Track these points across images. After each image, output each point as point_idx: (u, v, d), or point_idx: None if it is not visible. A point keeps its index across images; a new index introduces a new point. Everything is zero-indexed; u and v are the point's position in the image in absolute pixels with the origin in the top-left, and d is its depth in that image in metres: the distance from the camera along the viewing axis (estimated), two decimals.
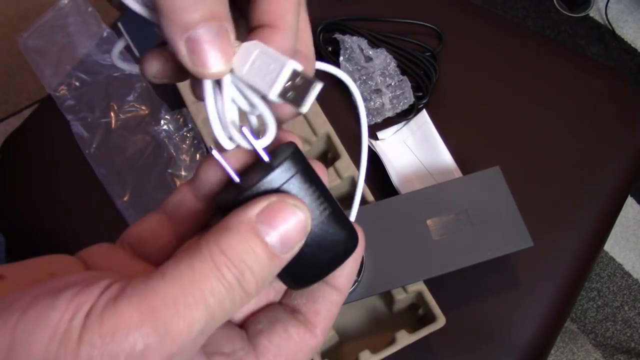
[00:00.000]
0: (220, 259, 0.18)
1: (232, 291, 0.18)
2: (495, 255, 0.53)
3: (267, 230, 0.19)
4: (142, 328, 0.16)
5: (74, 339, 0.16)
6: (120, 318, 0.16)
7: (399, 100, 0.63)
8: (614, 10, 1.40)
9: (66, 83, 0.66)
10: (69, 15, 0.67)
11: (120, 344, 0.16)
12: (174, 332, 0.17)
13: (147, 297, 0.17)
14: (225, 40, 0.21)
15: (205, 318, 0.17)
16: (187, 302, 0.17)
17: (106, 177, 0.63)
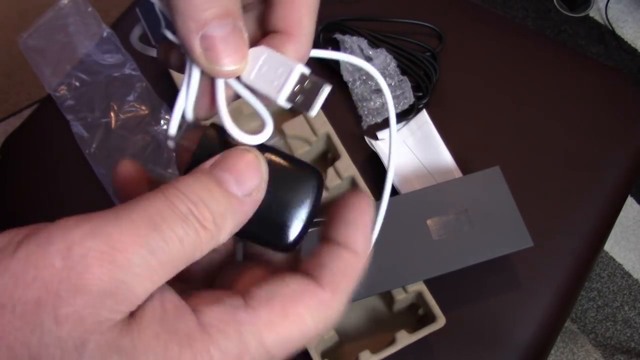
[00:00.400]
0: (172, 191, 0.18)
1: (184, 220, 0.17)
2: (495, 255, 0.53)
3: (220, 172, 0.19)
4: (77, 228, 0.16)
5: (11, 247, 0.16)
6: (55, 225, 0.16)
7: (399, 100, 0.63)
8: (614, 10, 1.40)
9: (66, 83, 0.66)
10: (69, 15, 0.67)
11: (55, 243, 0.16)
12: (115, 239, 0.16)
13: (85, 218, 0.17)
14: (239, 38, 0.21)
15: (154, 238, 0.17)
16: (131, 218, 0.17)
17: (106, 177, 0.63)
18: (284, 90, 0.22)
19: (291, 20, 0.22)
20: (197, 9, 0.20)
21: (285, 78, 0.22)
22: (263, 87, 0.22)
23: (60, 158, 0.66)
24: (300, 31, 0.23)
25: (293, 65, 0.22)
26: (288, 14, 0.22)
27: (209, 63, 0.21)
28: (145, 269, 0.16)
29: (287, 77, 0.22)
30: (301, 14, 0.23)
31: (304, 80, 0.22)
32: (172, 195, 0.18)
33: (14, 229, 0.17)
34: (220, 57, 0.20)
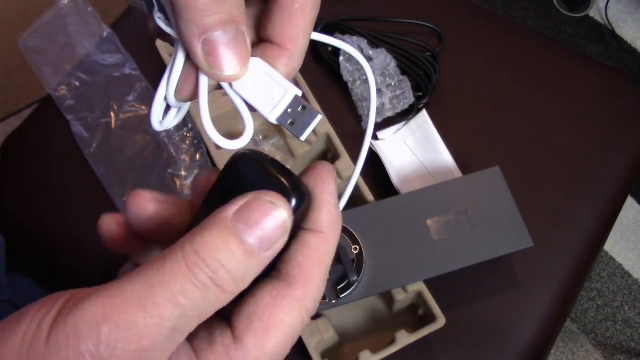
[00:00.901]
0: (192, 258, 0.18)
1: (206, 290, 0.18)
2: (495, 255, 0.53)
3: (244, 229, 0.19)
4: (105, 324, 0.16)
5: (42, 341, 0.16)
6: (82, 316, 0.16)
7: (399, 100, 0.63)
8: (614, 10, 1.40)
9: (66, 83, 0.66)
10: (69, 15, 0.67)
11: (84, 340, 0.16)
12: (140, 327, 0.17)
13: (112, 296, 0.17)
14: (242, 43, 0.21)
15: (176, 316, 0.17)
16: (155, 301, 0.17)
17: (106, 177, 0.63)
18: (276, 110, 0.22)
19: (288, 35, 0.22)
20: (201, 14, 0.19)
21: (279, 99, 0.22)
22: (255, 100, 0.23)
23: (60, 158, 0.66)
24: (295, 47, 0.23)
25: (289, 87, 0.22)
26: (286, 28, 0.22)
27: (209, 67, 0.21)
28: (169, 344, 0.17)
29: (281, 98, 0.22)
30: (298, 30, 0.23)
31: (297, 104, 0.23)
32: (192, 265, 0.18)
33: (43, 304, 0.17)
34: (221, 63, 0.21)
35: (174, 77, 0.22)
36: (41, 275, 0.69)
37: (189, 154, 0.64)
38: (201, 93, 0.22)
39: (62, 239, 0.63)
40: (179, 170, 0.63)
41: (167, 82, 0.22)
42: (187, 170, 0.63)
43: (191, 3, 0.19)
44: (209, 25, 0.20)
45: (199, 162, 0.63)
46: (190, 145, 0.64)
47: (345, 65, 0.64)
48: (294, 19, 0.22)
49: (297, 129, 0.23)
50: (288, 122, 0.23)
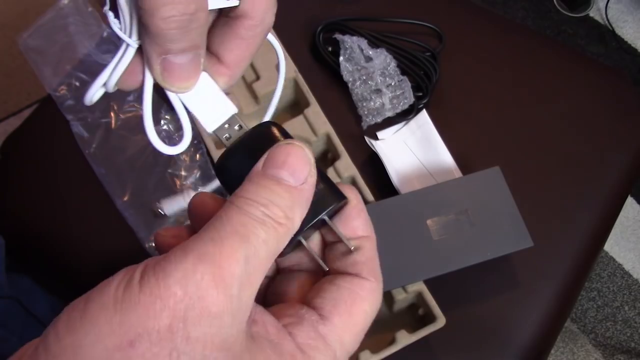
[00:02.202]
0: (243, 201, 0.20)
1: (263, 223, 0.19)
2: (495, 255, 0.53)
3: (274, 170, 0.21)
4: (187, 264, 0.18)
5: (135, 284, 0.18)
6: (168, 263, 0.18)
7: (399, 100, 0.63)
8: (614, 10, 1.40)
9: (66, 83, 0.66)
10: (69, 15, 0.67)
11: (173, 279, 0.17)
12: (220, 261, 0.18)
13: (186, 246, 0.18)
14: (196, 65, 0.24)
15: (244, 245, 0.19)
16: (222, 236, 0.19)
17: (106, 177, 0.63)
18: (214, 123, 0.25)
19: (237, 58, 0.25)
20: (167, 41, 0.22)
21: (219, 113, 0.25)
22: (196, 110, 0.25)
23: (60, 158, 0.66)
24: (238, 69, 0.26)
25: (229, 105, 0.25)
26: (236, 51, 0.25)
27: (162, 81, 0.23)
28: (246, 277, 0.19)
29: (221, 114, 0.25)
30: (245, 56, 0.25)
31: (234, 121, 0.26)
32: (244, 204, 0.20)
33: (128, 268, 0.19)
34: (174, 80, 0.23)
35: (118, 71, 0.24)
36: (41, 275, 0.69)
37: (189, 154, 0.64)
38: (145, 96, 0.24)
39: (62, 238, 0.63)
40: (179, 170, 0.63)
41: (111, 73, 0.24)
42: (187, 170, 0.63)
43: (162, 32, 0.21)
44: (172, 51, 0.22)
45: (199, 162, 0.63)
46: (190, 145, 0.64)
47: (345, 65, 0.64)
48: (245, 46, 0.25)
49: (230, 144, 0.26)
50: (224, 136, 0.25)
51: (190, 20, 0.21)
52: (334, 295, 0.22)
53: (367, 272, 0.23)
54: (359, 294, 0.22)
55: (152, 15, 0.21)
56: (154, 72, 0.23)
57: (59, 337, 0.17)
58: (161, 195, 0.62)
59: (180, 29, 0.21)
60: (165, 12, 0.21)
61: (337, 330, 0.21)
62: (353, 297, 0.22)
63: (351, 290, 0.22)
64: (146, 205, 0.62)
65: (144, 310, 0.17)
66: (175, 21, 0.21)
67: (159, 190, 0.63)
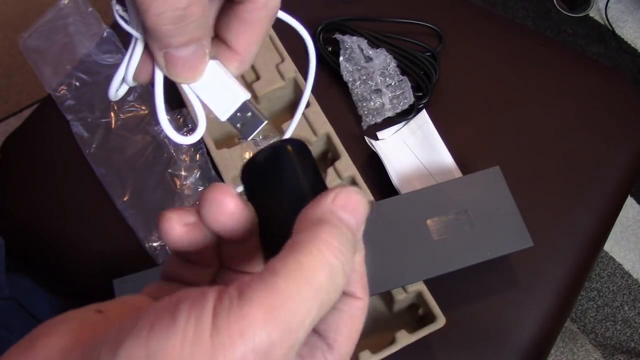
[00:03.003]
0: (328, 249, 0.19)
1: (335, 278, 0.19)
2: (495, 255, 0.53)
3: (347, 216, 0.20)
4: (267, 327, 0.17)
5: (205, 339, 0.16)
6: (245, 318, 0.16)
7: (399, 100, 0.63)
8: (614, 10, 1.40)
9: (66, 83, 0.66)
10: (69, 15, 0.67)
11: (248, 343, 0.16)
12: (294, 326, 0.17)
13: (267, 297, 0.17)
14: (200, 56, 0.24)
15: (317, 309, 0.18)
16: (302, 297, 0.17)
17: (106, 177, 0.63)
18: (227, 111, 0.25)
19: (245, 43, 0.25)
20: (164, 37, 0.22)
21: (231, 101, 0.25)
22: (208, 99, 0.25)
23: (60, 158, 0.66)
24: (248, 55, 0.25)
25: (241, 92, 0.25)
26: (243, 36, 0.25)
27: (168, 73, 0.24)
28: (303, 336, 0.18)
29: (233, 101, 0.25)
30: (254, 41, 0.25)
31: (246, 108, 0.26)
32: (329, 253, 0.19)
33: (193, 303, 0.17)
34: (178, 72, 0.24)
35: (132, 65, 0.24)
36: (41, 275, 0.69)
37: (189, 154, 0.64)
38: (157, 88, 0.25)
39: (62, 238, 0.63)
40: (179, 170, 0.63)
41: (126, 68, 0.24)
42: (187, 170, 0.63)
43: (156, 28, 0.21)
44: (171, 45, 0.22)
45: (199, 162, 0.63)
46: (190, 145, 0.64)
47: (345, 65, 0.64)
48: (251, 30, 0.25)
49: (244, 132, 0.26)
50: (237, 124, 0.26)
51: (184, 16, 0.21)
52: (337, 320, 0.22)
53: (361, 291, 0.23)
54: (356, 315, 0.23)
55: (145, 12, 0.21)
56: (159, 65, 0.24)
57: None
58: (161, 195, 0.62)
59: (175, 24, 0.22)
60: (157, 8, 0.21)
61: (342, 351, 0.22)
62: (352, 320, 0.22)
63: (350, 314, 0.22)
64: (146, 205, 0.62)
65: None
66: (167, 18, 0.21)
67: (158, 190, 0.63)
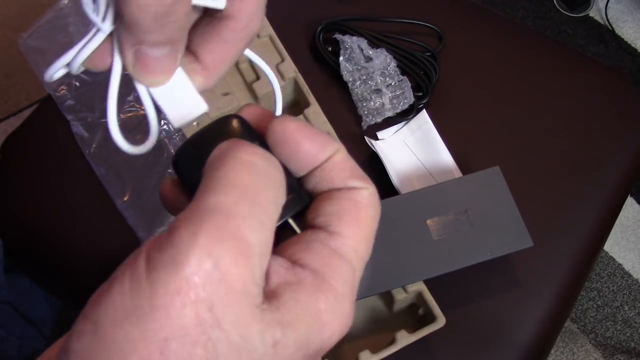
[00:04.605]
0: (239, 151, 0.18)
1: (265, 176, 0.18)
2: (495, 255, 0.53)
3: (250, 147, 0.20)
4: (199, 244, 0.16)
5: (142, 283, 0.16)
6: (174, 247, 0.16)
7: (399, 100, 0.63)
8: (614, 10, 1.40)
9: (66, 83, 0.66)
10: (69, 15, 0.67)
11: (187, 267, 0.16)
12: (231, 235, 0.16)
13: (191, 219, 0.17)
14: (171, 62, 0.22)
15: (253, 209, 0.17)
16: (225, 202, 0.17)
17: (106, 177, 0.63)
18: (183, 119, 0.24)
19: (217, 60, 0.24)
20: (142, 32, 0.21)
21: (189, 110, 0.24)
22: (165, 104, 0.23)
23: (60, 158, 0.66)
24: (217, 72, 0.24)
25: (200, 103, 0.24)
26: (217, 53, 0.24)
27: (134, 72, 0.22)
28: (264, 244, 0.17)
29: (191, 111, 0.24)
30: (227, 58, 0.24)
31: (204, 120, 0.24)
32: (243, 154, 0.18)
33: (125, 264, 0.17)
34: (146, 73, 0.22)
35: (83, 54, 0.23)
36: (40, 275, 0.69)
37: None
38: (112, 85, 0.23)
39: (62, 238, 0.63)
40: None
41: (76, 54, 0.23)
42: None
43: (137, 20, 0.20)
44: (146, 42, 0.21)
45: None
46: None
47: (345, 65, 0.64)
48: (227, 49, 0.24)
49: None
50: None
51: (168, 13, 0.21)
52: (336, 208, 0.21)
53: (358, 182, 0.22)
54: (361, 202, 0.22)
55: (128, 2, 0.20)
56: (126, 61, 0.22)
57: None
58: None
59: (157, 20, 0.21)
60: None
61: (348, 241, 0.20)
62: (357, 206, 0.21)
63: (353, 200, 0.21)
64: (146, 205, 0.62)
65: (164, 313, 0.15)
66: (151, 11, 0.20)
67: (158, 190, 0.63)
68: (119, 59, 0.23)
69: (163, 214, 0.61)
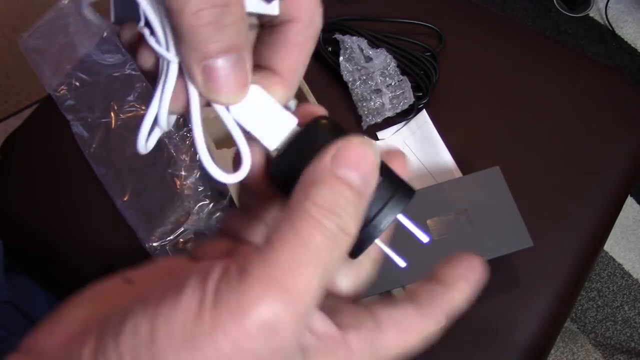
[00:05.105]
0: (319, 211, 0.18)
1: (336, 238, 0.18)
2: (495, 255, 0.53)
3: (346, 171, 0.19)
4: (267, 298, 0.17)
5: (206, 317, 0.17)
6: (244, 294, 0.17)
7: (399, 100, 0.63)
8: (614, 10, 1.40)
9: (66, 83, 0.66)
10: (69, 15, 0.67)
11: (248, 318, 0.17)
12: (297, 294, 0.17)
13: (264, 268, 0.17)
14: (242, 70, 0.21)
15: (320, 272, 0.18)
16: (300, 263, 0.17)
17: (106, 177, 0.63)
18: (276, 139, 0.22)
19: (290, 66, 0.23)
20: (203, 41, 0.20)
21: (278, 127, 0.22)
22: (252, 127, 0.22)
23: (60, 158, 0.66)
24: (293, 77, 0.24)
25: (290, 119, 0.23)
26: (288, 59, 0.23)
27: (208, 91, 0.21)
28: (314, 303, 0.18)
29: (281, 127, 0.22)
30: (299, 62, 0.24)
31: None
32: (322, 218, 0.18)
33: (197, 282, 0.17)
34: (219, 89, 0.21)
35: (166, 96, 0.21)
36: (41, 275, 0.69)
37: (189, 154, 0.64)
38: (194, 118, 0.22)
39: (62, 238, 0.63)
40: (179, 170, 0.63)
41: (159, 105, 0.22)
42: (187, 170, 0.63)
43: (193, 29, 0.19)
44: (210, 53, 0.20)
45: (199, 162, 0.63)
46: (190, 145, 0.64)
47: (345, 65, 0.64)
48: (296, 51, 0.23)
49: None
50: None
51: (223, 13, 0.20)
52: (395, 312, 0.22)
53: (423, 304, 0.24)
54: (408, 319, 0.22)
55: (180, 12, 0.19)
56: (197, 83, 0.21)
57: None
58: (161, 195, 0.62)
59: (214, 24, 0.20)
60: (194, 5, 0.19)
61: (390, 344, 0.21)
62: (406, 316, 0.22)
63: (405, 314, 0.22)
64: (146, 205, 0.62)
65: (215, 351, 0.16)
66: (206, 15, 0.19)
67: (159, 190, 0.63)
68: (193, 88, 0.21)
69: (163, 214, 0.61)
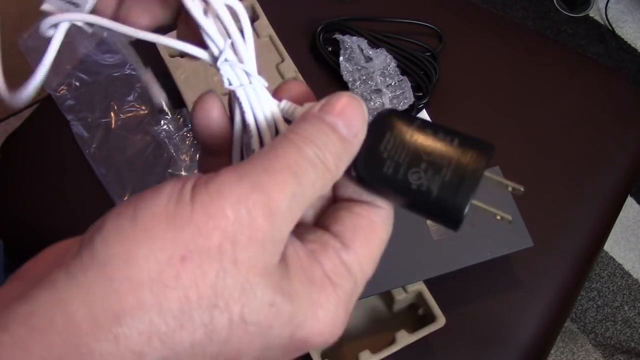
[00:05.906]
0: (298, 137, 0.20)
1: (313, 162, 0.20)
2: (495, 255, 0.53)
3: (331, 117, 0.21)
4: (242, 186, 0.18)
5: (187, 200, 0.18)
6: (222, 181, 0.18)
7: (399, 100, 0.63)
8: (614, 10, 1.40)
9: (66, 83, 0.66)
10: None
11: (227, 198, 0.18)
12: (269, 191, 0.18)
13: (238, 170, 0.19)
14: None
15: (294, 182, 0.19)
16: (275, 169, 0.19)
17: (106, 177, 0.63)
18: None
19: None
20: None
21: None
22: None
23: (60, 158, 0.66)
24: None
25: None
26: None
27: None
28: (289, 214, 0.19)
29: None
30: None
31: None
32: (300, 142, 0.20)
33: (175, 181, 0.19)
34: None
35: None
36: None
37: (189, 154, 0.64)
38: None
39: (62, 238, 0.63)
40: (179, 170, 0.63)
41: None
42: (187, 170, 0.63)
43: None
44: None
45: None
46: (190, 145, 0.64)
47: (345, 65, 0.64)
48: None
49: None
50: None
51: None
52: (353, 222, 0.22)
53: (380, 201, 0.23)
54: (375, 222, 0.23)
55: None
56: None
57: (108, 245, 0.17)
58: None
59: None
60: None
61: (358, 257, 0.22)
62: (371, 225, 0.23)
63: (369, 219, 0.23)
64: None
65: (196, 228, 0.17)
66: None
67: None
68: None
69: None
